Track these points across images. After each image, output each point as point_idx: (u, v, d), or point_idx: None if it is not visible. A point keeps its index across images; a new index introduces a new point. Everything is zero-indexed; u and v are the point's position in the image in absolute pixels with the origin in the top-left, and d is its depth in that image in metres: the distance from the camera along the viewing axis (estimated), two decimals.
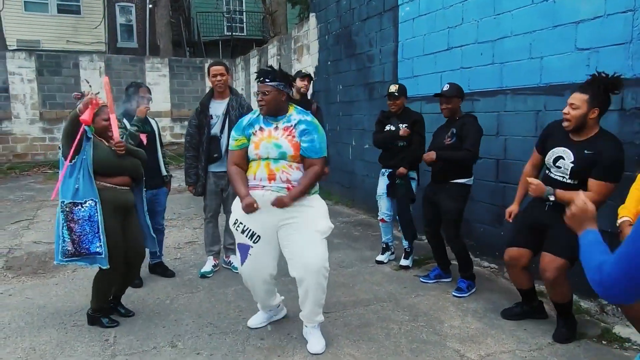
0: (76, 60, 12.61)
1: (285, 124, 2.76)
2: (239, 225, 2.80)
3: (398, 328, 3.12)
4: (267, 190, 2.69)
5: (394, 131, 4.07)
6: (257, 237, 2.76)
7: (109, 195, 2.98)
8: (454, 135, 3.59)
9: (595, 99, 2.65)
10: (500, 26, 3.96)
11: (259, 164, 2.73)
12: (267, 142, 2.72)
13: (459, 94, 3.65)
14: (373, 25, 5.95)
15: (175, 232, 5.70)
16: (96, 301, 3.12)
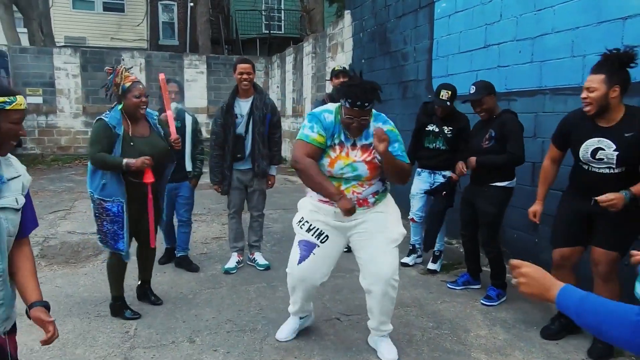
0: (118, 56, 12.97)
1: (363, 141, 2.48)
2: (305, 224, 2.64)
3: (421, 335, 3.01)
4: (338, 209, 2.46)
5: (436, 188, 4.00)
6: (326, 236, 2.59)
7: (136, 189, 2.98)
8: (492, 138, 3.35)
9: (613, 76, 2.45)
10: (540, 22, 3.76)
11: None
12: (344, 162, 2.46)
13: (489, 91, 3.39)
14: (408, 23, 5.81)
15: (204, 227, 5.75)
16: (113, 288, 3.17)
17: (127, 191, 2.95)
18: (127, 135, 2.95)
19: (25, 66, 12.11)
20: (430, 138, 3.99)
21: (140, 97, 2.93)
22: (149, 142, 3.03)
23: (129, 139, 2.94)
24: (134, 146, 2.93)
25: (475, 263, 3.75)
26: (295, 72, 11.65)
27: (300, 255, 2.63)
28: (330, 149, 2.48)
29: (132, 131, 2.98)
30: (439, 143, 3.94)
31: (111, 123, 2.91)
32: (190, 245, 4.80)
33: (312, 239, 2.60)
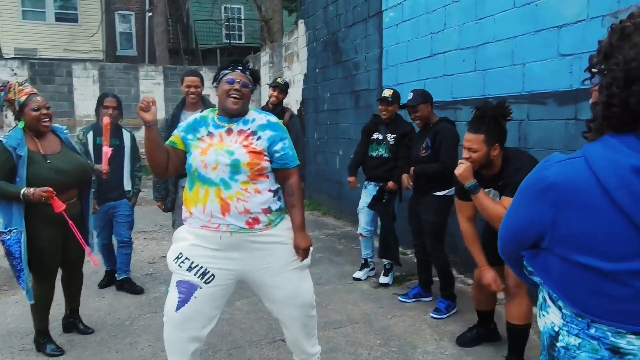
0: (69, 68, 12.53)
1: (241, 125, 2.19)
2: (184, 261, 2.12)
3: (367, 354, 2.91)
4: (225, 231, 2.09)
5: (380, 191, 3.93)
6: (211, 276, 2.12)
7: (48, 211, 2.67)
8: (429, 147, 3.40)
9: (492, 135, 2.45)
10: (482, 31, 3.77)
11: (207, 193, 2.11)
12: (217, 147, 2.14)
13: (424, 99, 3.45)
14: (358, 32, 5.78)
15: (154, 245, 5.52)
16: (36, 322, 2.92)
17: (38, 215, 2.70)
18: (36, 154, 2.71)
19: None
20: (374, 145, 3.97)
21: (40, 110, 2.69)
22: (64, 158, 2.82)
23: (43, 158, 2.72)
24: (50, 163, 2.72)
25: (427, 273, 3.70)
26: None
27: (179, 300, 2.12)
28: (198, 141, 2.18)
29: (42, 148, 2.75)
30: (381, 150, 3.92)
31: (9, 144, 2.63)
32: (136, 265, 4.60)
33: (194, 279, 2.11)
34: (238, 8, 20.01)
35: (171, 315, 2.15)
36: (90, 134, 3.76)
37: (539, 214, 0.96)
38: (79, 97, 12.61)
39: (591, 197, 0.88)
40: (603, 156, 0.88)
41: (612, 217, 0.86)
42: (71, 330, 3.17)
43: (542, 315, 1.07)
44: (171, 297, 2.16)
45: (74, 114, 12.51)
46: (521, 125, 3.45)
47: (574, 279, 0.93)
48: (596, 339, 0.93)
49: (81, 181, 2.92)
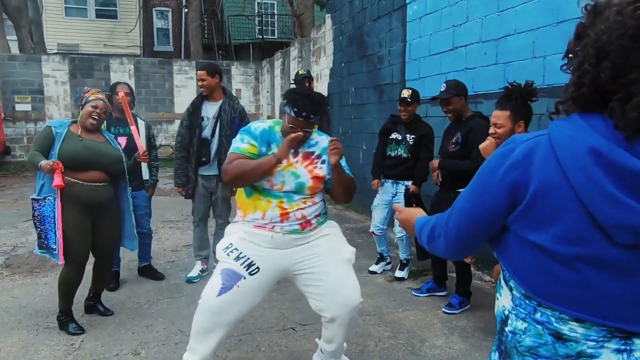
0: (107, 63, 12.97)
1: (305, 148, 2.30)
2: (233, 251, 2.23)
3: (374, 345, 2.93)
4: (278, 232, 2.23)
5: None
6: (256, 268, 2.21)
7: (76, 191, 2.89)
8: (459, 143, 3.28)
9: (517, 112, 2.55)
10: (504, 24, 3.70)
11: (269, 203, 2.23)
12: (284, 168, 2.23)
13: (458, 92, 3.31)
14: (383, 26, 5.75)
15: (178, 234, 5.67)
16: (60, 302, 3.06)
17: (68, 200, 2.87)
18: (73, 134, 2.94)
19: (14, 74, 12.11)
20: (392, 145, 3.94)
21: (96, 108, 2.96)
22: (100, 145, 3.03)
23: (79, 137, 2.93)
24: (81, 141, 2.92)
25: (441, 269, 3.67)
26: (284, 76, 11.61)
27: (222, 286, 2.18)
28: None
29: (83, 135, 2.97)
30: (400, 150, 3.89)
31: (53, 125, 2.96)
32: (159, 253, 4.76)
33: (239, 268, 2.20)
34: (271, 3, 20.18)
35: (210, 299, 2.21)
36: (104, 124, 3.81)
37: (500, 196, 0.94)
38: None
39: (550, 177, 0.86)
40: (565, 134, 0.86)
41: (566, 199, 0.85)
42: (92, 312, 3.31)
43: (497, 298, 1.07)
44: (213, 283, 2.22)
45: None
46: (541, 120, 3.37)
47: (526, 258, 0.92)
48: (540, 324, 0.92)
49: (111, 168, 3.06)
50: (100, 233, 3.07)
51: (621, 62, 0.82)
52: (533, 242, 0.90)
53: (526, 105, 2.61)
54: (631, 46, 0.81)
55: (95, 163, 2.96)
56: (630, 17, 0.81)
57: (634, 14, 0.81)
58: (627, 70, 0.82)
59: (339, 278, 2.27)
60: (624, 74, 0.82)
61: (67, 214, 2.86)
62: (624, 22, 0.82)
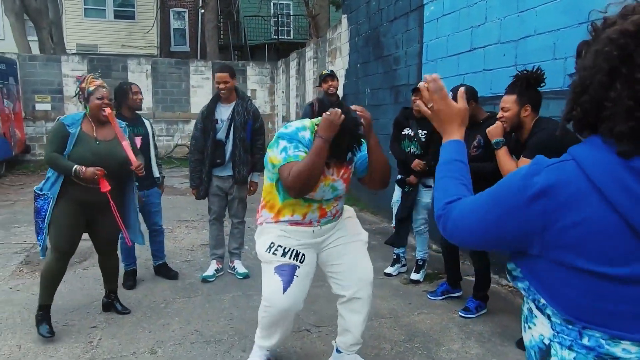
0: (125, 63, 13.12)
1: None
2: (277, 249, 2.34)
3: (390, 348, 2.91)
4: (317, 226, 2.39)
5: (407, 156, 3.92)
6: (303, 255, 2.35)
7: (75, 190, 2.93)
8: (481, 146, 3.25)
9: (523, 96, 2.65)
10: (523, 24, 3.65)
11: (310, 206, 2.33)
12: (324, 184, 2.27)
13: (468, 97, 3.33)
14: (400, 26, 5.72)
15: (194, 233, 5.71)
16: (40, 295, 3.04)
17: (67, 195, 2.92)
18: (88, 135, 2.95)
19: (34, 74, 12.33)
20: (405, 142, 3.95)
21: (103, 99, 2.94)
22: (110, 145, 3.00)
23: (93, 139, 2.95)
24: (98, 145, 2.93)
25: (455, 271, 3.64)
26: (299, 77, 11.63)
27: (284, 282, 2.30)
28: None
29: (98, 134, 2.99)
30: (413, 147, 3.90)
31: (65, 122, 2.93)
32: (175, 252, 4.80)
33: (291, 261, 2.33)
34: (287, 4, 20.22)
35: (278, 299, 2.31)
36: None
37: (527, 224, 0.88)
38: None
39: (586, 200, 0.82)
40: (593, 155, 0.83)
41: (608, 219, 0.81)
42: (110, 310, 3.35)
43: (528, 327, 1.00)
44: (274, 283, 2.31)
45: None
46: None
47: (569, 283, 0.87)
48: (591, 349, 0.87)
49: (119, 171, 3.05)
50: (100, 229, 3.11)
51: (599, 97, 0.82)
52: (578, 267, 0.85)
53: (532, 90, 2.67)
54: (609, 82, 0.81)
55: (107, 167, 2.93)
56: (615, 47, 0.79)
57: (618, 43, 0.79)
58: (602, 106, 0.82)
59: (356, 258, 2.46)
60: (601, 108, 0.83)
61: (65, 209, 2.91)
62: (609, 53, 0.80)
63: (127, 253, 3.93)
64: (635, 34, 0.79)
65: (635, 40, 0.79)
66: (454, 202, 1.03)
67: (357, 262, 2.46)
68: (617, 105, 0.80)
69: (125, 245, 3.86)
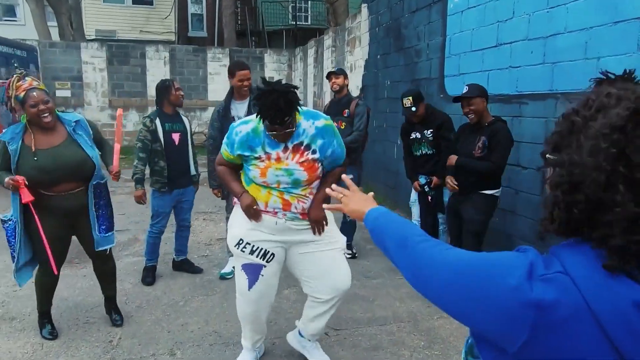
0: (143, 50, 13.13)
1: (294, 140, 2.29)
2: (246, 247, 2.39)
3: (409, 355, 2.88)
4: (281, 218, 2.37)
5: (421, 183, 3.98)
6: (271, 255, 2.41)
7: (47, 202, 2.73)
8: (486, 147, 3.28)
9: None
10: (553, 21, 3.50)
11: (270, 194, 2.34)
12: (276, 168, 2.27)
13: (481, 94, 3.31)
14: (422, 18, 5.57)
15: (212, 226, 5.73)
16: (38, 304, 3.02)
17: (39, 206, 2.69)
18: (27, 149, 2.68)
19: (54, 60, 12.42)
20: (415, 146, 3.98)
21: (37, 106, 2.62)
22: (56, 152, 2.71)
23: (31, 154, 2.66)
24: (37, 161, 2.66)
25: None
26: (317, 65, 11.50)
27: (249, 280, 2.44)
28: (257, 160, 2.30)
29: (38, 144, 2.69)
30: (423, 148, 3.92)
31: (4, 139, 2.68)
32: (193, 247, 4.81)
33: (257, 260, 2.40)
34: None
35: (244, 293, 2.49)
36: (158, 121, 3.74)
37: (510, 330, 0.76)
38: (151, 78, 13.19)
39: (579, 326, 0.71)
40: (594, 280, 0.72)
41: (601, 351, 0.71)
42: (110, 313, 3.21)
43: None
44: (241, 279, 2.48)
45: (146, 94, 13.13)
46: None
47: None
48: None
49: (74, 175, 2.78)
50: (85, 235, 2.93)
51: (598, 197, 0.71)
52: None
53: None
54: (609, 183, 0.70)
55: (57, 178, 2.72)
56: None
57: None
58: (602, 208, 0.71)
59: (329, 264, 2.45)
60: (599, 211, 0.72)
61: (44, 221, 2.72)
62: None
63: (153, 249, 3.95)
64: (623, 128, 0.70)
65: (626, 136, 0.70)
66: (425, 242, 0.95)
67: (332, 271, 2.45)
68: (620, 212, 0.69)
69: (152, 241, 3.93)
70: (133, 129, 12.64)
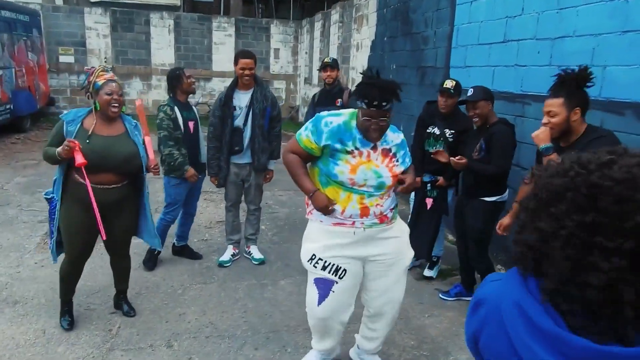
0: (147, 17, 12.91)
1: (384, 145, 2.34)
2: (318, 262, 2.37)
3: (398, 355, 2.97)
4: (359, 228, 2.34)
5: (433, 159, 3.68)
6: (344, 271, 2.36)
7: (82, 192, 2.77)
8: (482, 149, 3.26)
9: (572, 98, 2.40)
10: (562, 23, 3.43)
11: (350, 198, 2.29)
12: (367, 167, 2.27)
13: (486, 96, 3.26)
14: (431, 4, 5.45)
15: (212, 207, 5.79)
16: (60, 292, 3.09)
17: (70, 195, 2.82)
18: (84, 132, 2.77)
19: (58, 25, 12.26)
20: (430, 141, 3.78)
21: (112, 95, 2.78)
22: (111, 141, 2.82)
23: (88, 136, 2.76)
24: (89, 144, 2.74)
25: (469, 274, 3.64)
26: (323, 39, 11.32)
27: (319, 295, 2.40)
28: (348, 155, 2.27)
29: (97, 129, 2.81)
30: (439, 147, 3.71)
31: (66, 119, 2.81)
32: (194, 230, 4.85)
33: (329, 276, 2.37)
34: None
35: (314, 308, 2.45)
36: (176, 109, 3.76)
37: (473, 326, 0.94)
38: (156, 46, 13.05)
39: (497, 319, 0.85)
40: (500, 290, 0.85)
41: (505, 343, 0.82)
42: (119, 309, 3.29)
43: None
44: (311, 293, 2.45)
45: (150, 62, 13.01)
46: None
47: None
48: None
49: (121, 168, 2.87)
50: (111, 230, 2.94)
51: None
52: None
53: (581, 91, 2.44)
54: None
55: (104, 165, 2.79)
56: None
57: None
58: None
59: (392, 282, 2.48)
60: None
61: (70, 211, 2.83)
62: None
63: (162, 235, 3.96)
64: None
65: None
66: None
67: (391, 287, 2.49)
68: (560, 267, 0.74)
69: (163, 227, 3.99)
70: (137, 97, 12.57)
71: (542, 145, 2.47)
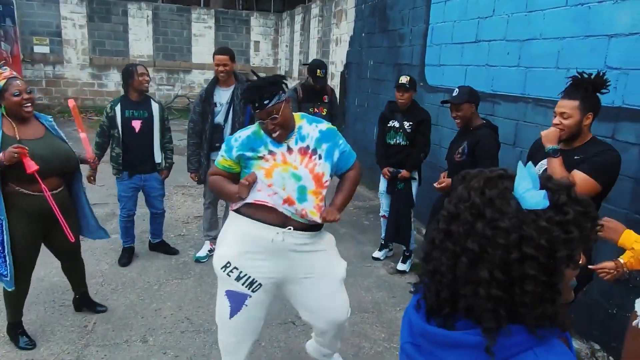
0: (125, 7, 12.71)
1: (300, 143, 2.18)
2: (233, 271, 2.17)
3: (369, 347, 3.06)
4: (279, 235, 2.12)
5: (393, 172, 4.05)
6: (258, 285, 2.18)
7: (24, 202, 2.60)
8: (464, 153, 3.23)
9: (587, 103, 2.33)
10: (530, 25, 3.54)
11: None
12: (283, 169, 2.12)
13: (470, 99, 3.24)
14: (407, 2, 5.52)
15: (190, 202, 5.81)
16: (8, 314, 2.88)
17: (15, 208, 2.60)
18: (11, 139, 2.56)
19: (32, 14, 11.98)
20: (391, 134, 4.03)
21: (21, 95, 2.57)
22: (46, 143, 2.66)
23: (18, 142, 2.54)
24: (29, 150, 2.52)
25: None
26: (303, 33, 11.32)
27: (231, 308, 2.22)
28: (260, 160, 2.15)
29: (20, 134, 2.60)
30: (399, 138, 3.99)
31: None
32: (171, 225, 4.90)
33: (242, 289, 2.18)
34: None
35: (225, 321, 2.27)
36: (119, 107, 3.73)
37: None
38: (134, 37, 12.87)
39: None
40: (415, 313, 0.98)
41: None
42: (81, 310, 3.24)
43: None
44: (222, 306, 2.24)
45: (128, 54, 12.82)
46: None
47: None
48: None
49: (63, 169, 2.77)
50: (59, 237, 2.81)
51: None
52: None
53: (596, 96, 2.37)
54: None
55: (48, 170, 2.62)
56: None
57: None
58: None
59: (326, 297, 2.30)
60: None
61: (15, 225, 2.61)
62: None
63: (126, 232, 4.04)
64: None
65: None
66: None
67: (327, 303, 2.31)
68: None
69: (123, 224, 4.00)
70: (115, 89, 12.41)
71: (550, 147, 2.38)
